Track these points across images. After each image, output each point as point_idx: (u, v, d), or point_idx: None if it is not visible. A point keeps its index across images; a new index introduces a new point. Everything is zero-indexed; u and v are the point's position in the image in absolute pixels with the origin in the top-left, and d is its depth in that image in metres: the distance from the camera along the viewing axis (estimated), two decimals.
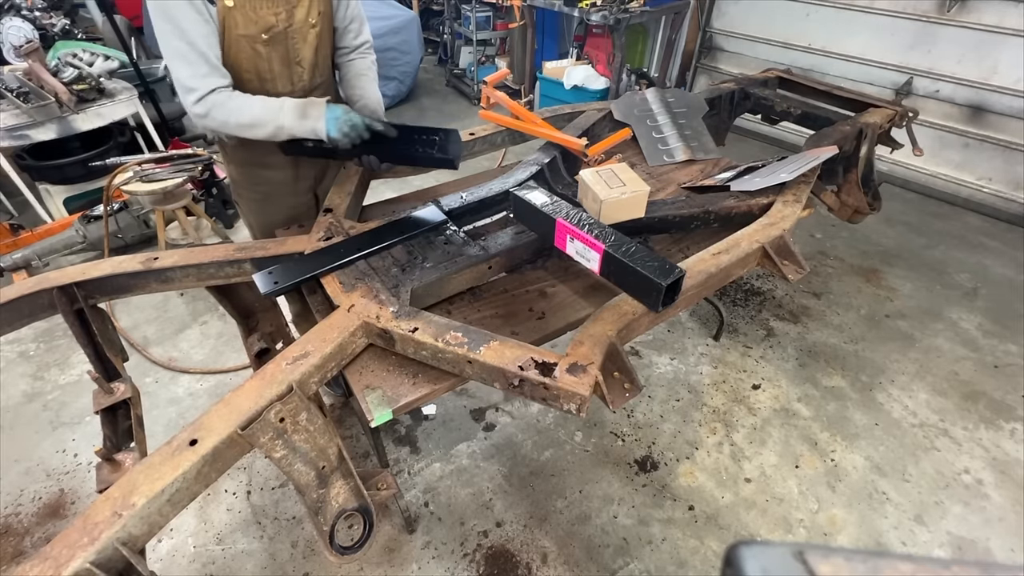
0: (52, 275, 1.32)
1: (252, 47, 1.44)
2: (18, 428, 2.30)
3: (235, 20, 1.38)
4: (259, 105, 1.42)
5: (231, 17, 1.37)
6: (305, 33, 1.51)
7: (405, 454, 2.20)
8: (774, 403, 2.41)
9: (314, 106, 1.43)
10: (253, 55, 1.46)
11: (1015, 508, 2.02)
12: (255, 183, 1.77)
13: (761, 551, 0.29)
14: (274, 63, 1.50)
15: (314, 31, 1.52)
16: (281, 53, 1.50)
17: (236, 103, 1.41)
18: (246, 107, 1.41)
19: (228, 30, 1.39)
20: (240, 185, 1.81)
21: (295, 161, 1.75)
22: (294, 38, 1.49)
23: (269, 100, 1.43)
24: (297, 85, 1.59)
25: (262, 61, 1.48)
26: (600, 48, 4.62)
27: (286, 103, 1.42)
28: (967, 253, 3.40)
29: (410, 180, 2.04)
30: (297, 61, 1.54)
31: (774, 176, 1.64)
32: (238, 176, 1.78)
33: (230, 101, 1.40)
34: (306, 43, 1.53)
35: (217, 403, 1.02)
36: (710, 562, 1.86)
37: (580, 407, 1.04)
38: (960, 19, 3.55)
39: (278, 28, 1.44)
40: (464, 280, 1.43)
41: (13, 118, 2.93)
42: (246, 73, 1.49)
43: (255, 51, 1.45)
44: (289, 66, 1.54)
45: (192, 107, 1.39)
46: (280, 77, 1.54)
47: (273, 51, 1.48)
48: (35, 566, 0.79)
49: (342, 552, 1.02)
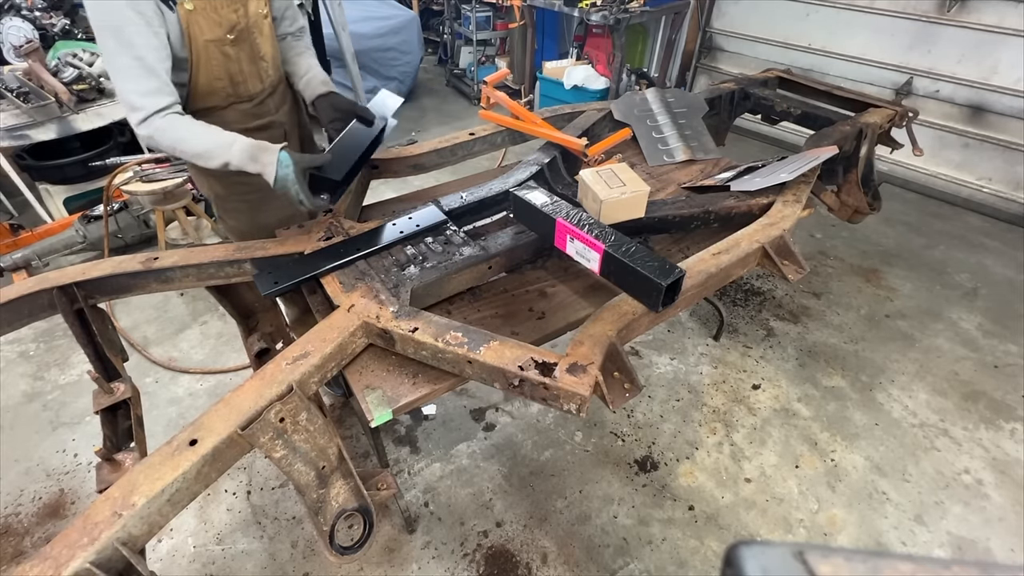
0: (52, 275, 1.32)
1: (221, 51, 1.43)
2: (18, 428, 2.30)
3: (199, 25, 1.36)
4: (209, 138, 1.36)
5: (194, 23, 1.35)
6: (262, 26, 1.52)
7: (405, 454, 2.20)
8: (774, 403, 2.41)
9: (267, 152, 1.34)
10: (223, 59, 1.45)
11: (1015, 508, 2.02)
12: (245, 192, 1.69)
13: (761, 551, 0.29)
14: (243, 63, 1.50)
15: (267, 22, 1.53)
16: (247, 52, 1.50)
17: (185, 131, 1.35)
18: (194, 137, 1.35)
19: (194, 39, 1.36)
20: (225, 198, 1.74)
21: None
22: (254, 32, 1.49)
23: (220, 134, 1.37)
24: (266, 82, 1.59)
25: (232, 63, 1.47)
26: (600, 48, 4.62)
27: (238, 141, 1.35)
28: (967, 253, 3.40)
29: (410, 180, 2.05)
30: (261, 56, 1.54)
31: (774, 176, 1.64)
32: (222, 189, 1.71)
33: (178, 128, 1.34)
34: (264, 36, 1.53)
35: (217, 403, 1.02)
36: (710, 562, 1.86)
37: (580, 407, 1.04)
38: (960, 19, 3.55)
39: (241, 25, 1.44)
40: (464, 280, 1.43)
41: (13, 118, 2.92)
42: (218, 81, 1.47)
43: (224, 54, 1.44)
44: (256, 63, 1.54)
45: (137, 127, 1.33)
46: (250, 77, 1.54)
47: (240, 51, 1.47)
48: (35, 566, 0.79)
49: (342, 552, 1.02)
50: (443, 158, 1.91)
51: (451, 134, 1.94)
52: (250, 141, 1.37)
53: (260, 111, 1.63)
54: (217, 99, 1.52)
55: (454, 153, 1.92)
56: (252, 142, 1.37)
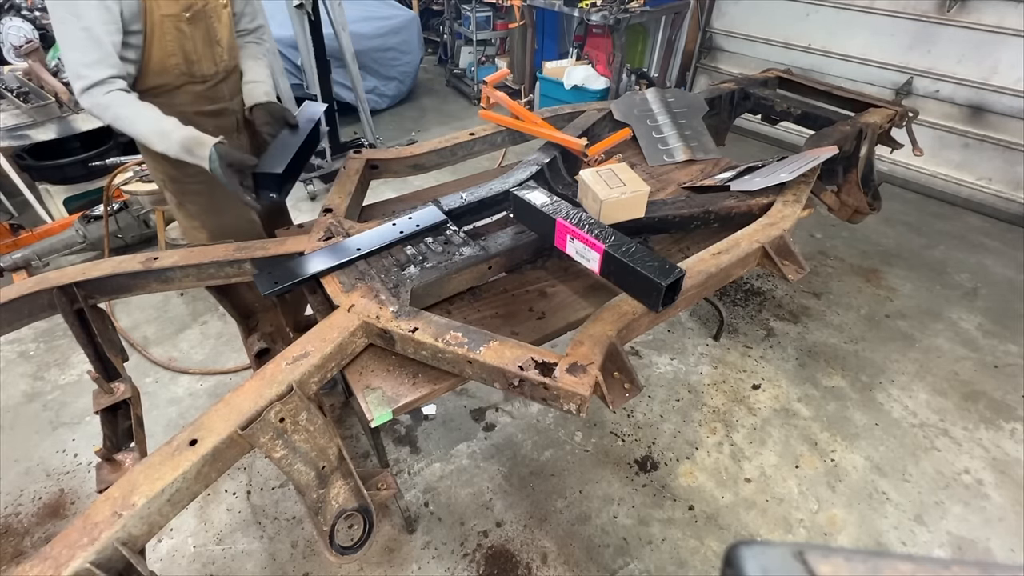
0: (52, 275, 1.32)
1: (177, 27, 1.47)
2: (18, 428, 2.30)
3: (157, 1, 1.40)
4: (149, 123, 1.42)
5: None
6: (219, 12, 1.57)
7: (405, 454, 2.20)
8: (774, 403, 2.41)
9: (202, 146, 1.41)
10: (178, 35, 1.48)
11: (1015, 508, 2.02)
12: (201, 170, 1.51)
13: (761, 551, 0.29)
14: (198, 43, 1.54)
15: (226, 11, 1.59)
16: (203, 33, 1.53)
17: (126, 110, 1.40)
18: (134, 119, 1.41)
19: (151, 12, 1.41)
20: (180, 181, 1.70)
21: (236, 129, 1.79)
22: (211, 17, 1.54)
23: (160, 120, 1.42)
24: (220, 65, 1.63)
25: (187, 41, 1.51)
26: (600, 48, 4.62)
27: (176, 132, 1.42)
28: (967, 253, 3.40)
29: (410, 180, 2.05)
30: (217, 40, 1.59)
31: (774, 176, 1.64)
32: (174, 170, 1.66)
33: (121, 106, 1.39)
34: (221, 23, 1.59)
35: (217, 403, 1.02)
36: (710, 562, 1.86)
37: (580, 407, 1.04)
38: (960, 19, 3.55)
39: (198, 6, 1.48)
40: (464, 280, 1.43)
41: (13, 118, 2.93)
42: (172, 57, 1.51)
43: (180, 31, 1.48)
44: (211, 46, 1.58)
45: (79, 96, 1.37)
46: (204, 58, 1.57)
47: (196, 30, 1.51)
48: (35, 566, 0.79)
49: (342, 552, 1.02)
50: (443, 158, 1.91)
51: (451, 134, 1.95)
52: (187, 132, 1.42)
53: (214, 95, 1.67)
54: (170, 77, 1.54)
55: (454, 153, 1.92)
56: (189, 134, 1.42)
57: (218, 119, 1.70)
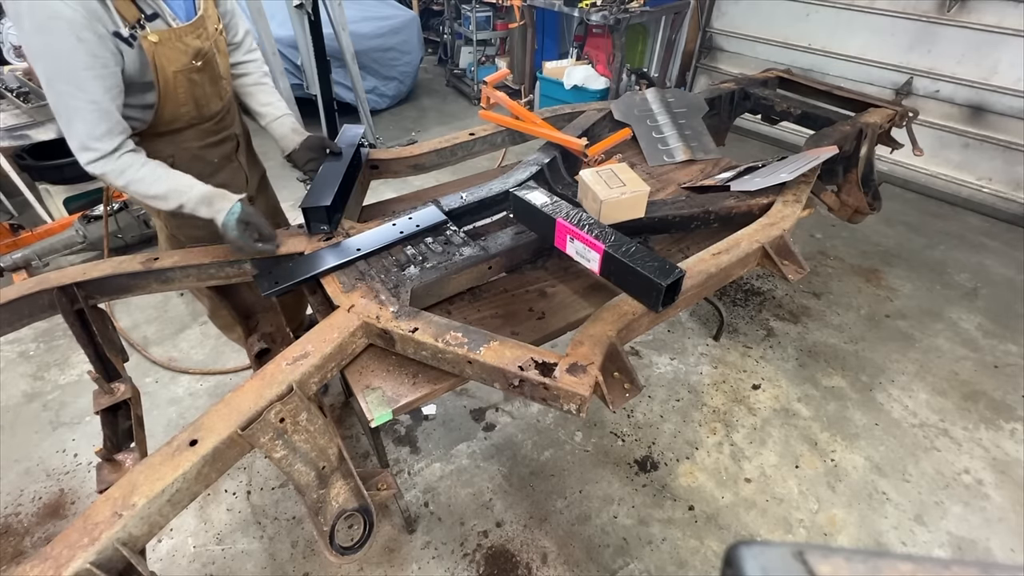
0: (52, 275, 1.32)
1: (188, 78, 1.39)
2: (18, 428, 2.30)
3: (166, 56, 1.31)
4: (168, 182, 1.35)
5: (161, 54, 1.30)
6: (220, 43, 1.48)
7: (405, 454, 2.20)
8: (774, 403, 2.41)
9: (224, 199, 1.36)
10: (190, 85, 1.41)
11: (1015, 508, 2.02)
12: None
13: (761, 551, 0.29)
14: (206, 86, 1.46)
15: (223, 37, 1.50)
16: (210, 73, 1.46)
17: (141, 174, 1.32)
18: (152, 180, 1.33)
19: (162, 70, 1.32)
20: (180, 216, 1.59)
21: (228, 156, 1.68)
22: (215, 53, 1.45)
23: (179, 178, 1.36)
24: (225, 99, 1.56)
25: (197, 88, 1.43)
26: (600, 48, 4.62)
27: (196, 186, 1.36)
28: (967, 253, 3.40)
29: (410, 180, 2.05)
30: (220, 75, 1.50)
31: (774, 176, 1.64)
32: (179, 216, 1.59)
33: (135, 171, 1.32)
34: (222, 53, 1.49)
35: (217, 403, 1.02)
36: (710, 562, 1.86)
37: (580, 407, 1.04)
38: (960, 19, 3.55)
39: (205, 48, 1.39)
40: (464, 280, 1.43)
41: (13, 118, 2.92)
42: (184, 107, 1.43)
43: (191, 81, 1.40)
44: (216, 83, 1.49)
45: (88, 166, 1.29)
46: (212, 97, 1.50)
47: (205, 74, 1.44)
48: (35, 566, 0.79)
49: (342, 552, 1.02)
50: (443, 158, 1.91)
51: (451, 134, 1.94)
52: (209, 189, 1.36)
53: (219, 127, 1.60)
54: (180, 123, 1.48)
55: (454, 153, 1.92)
56: (211, 189, 1.36)
57: (221, 147, 1.63)
